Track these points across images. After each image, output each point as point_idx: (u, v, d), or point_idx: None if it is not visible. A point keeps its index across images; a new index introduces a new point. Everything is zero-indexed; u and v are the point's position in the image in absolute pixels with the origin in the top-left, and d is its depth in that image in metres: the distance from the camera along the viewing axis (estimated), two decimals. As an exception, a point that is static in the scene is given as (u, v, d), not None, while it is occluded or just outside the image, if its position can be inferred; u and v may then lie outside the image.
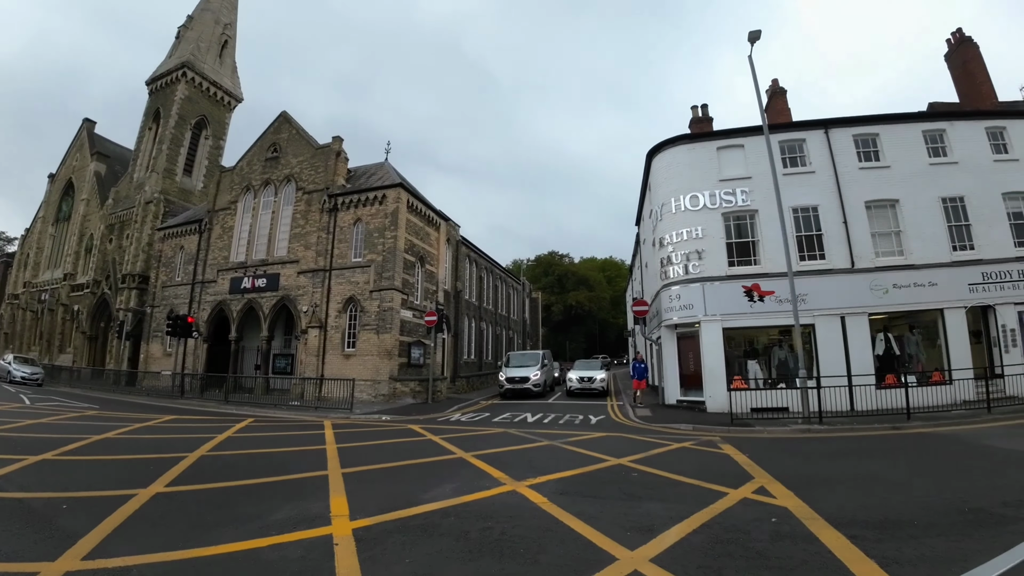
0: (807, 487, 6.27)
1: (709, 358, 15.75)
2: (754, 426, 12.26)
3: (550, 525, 4.86)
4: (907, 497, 5.81)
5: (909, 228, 15.75)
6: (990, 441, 9.18)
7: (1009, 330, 15.30)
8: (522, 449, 9.41)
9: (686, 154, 17.39)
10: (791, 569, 3.83)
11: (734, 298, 15.77)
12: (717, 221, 16.44)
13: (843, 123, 16.72)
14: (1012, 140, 16.89)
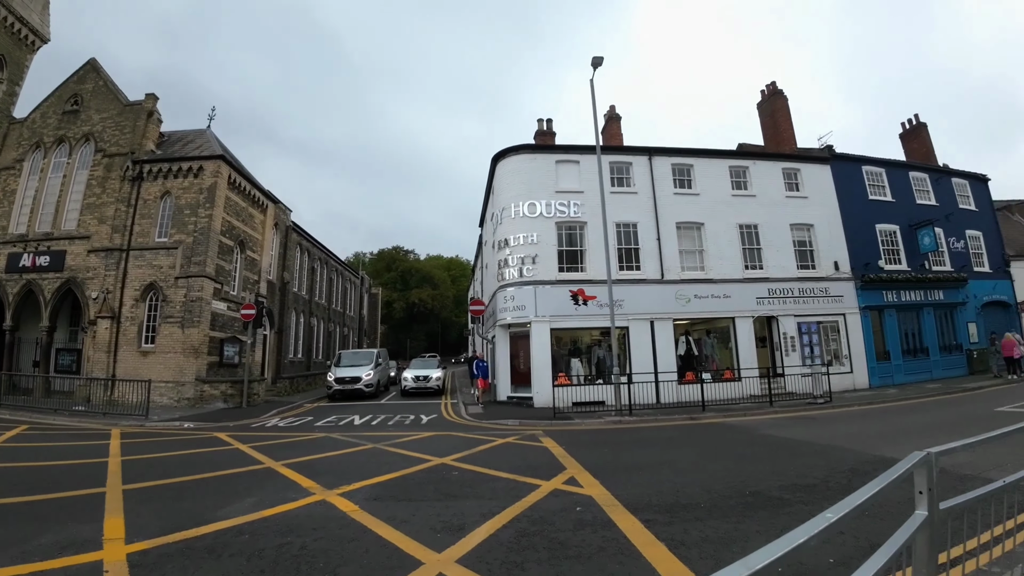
0: (612, 475, 6.77)
1: (538, 356, 16.64)
2: (574, 419, 13.01)
3: (356, 534, 4.72)
4: (696, 482, 6.39)
5: (711, 248, 18.08)
6: (770, 430, 10.51)
7: (789, 337, 18.04)
8: (341, 455, 9.02)
9: (528, 163, 18.43)
10: (588, 557, 4.07)
11: (562, 301, 16.88)
12: (551, 229, 17.56)
13: (665, 152, 18.88)
14: (803, 180, 20.20)
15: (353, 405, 18.19)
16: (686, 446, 9.25)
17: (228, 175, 19.79)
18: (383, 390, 22.67)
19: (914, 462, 2.19)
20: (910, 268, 20.84)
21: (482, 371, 17.75)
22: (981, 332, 21.92)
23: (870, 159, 21.91)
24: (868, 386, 18.56)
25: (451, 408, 16.75)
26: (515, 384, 17.41)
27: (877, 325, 19.82)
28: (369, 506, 5.55)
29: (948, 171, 24.60)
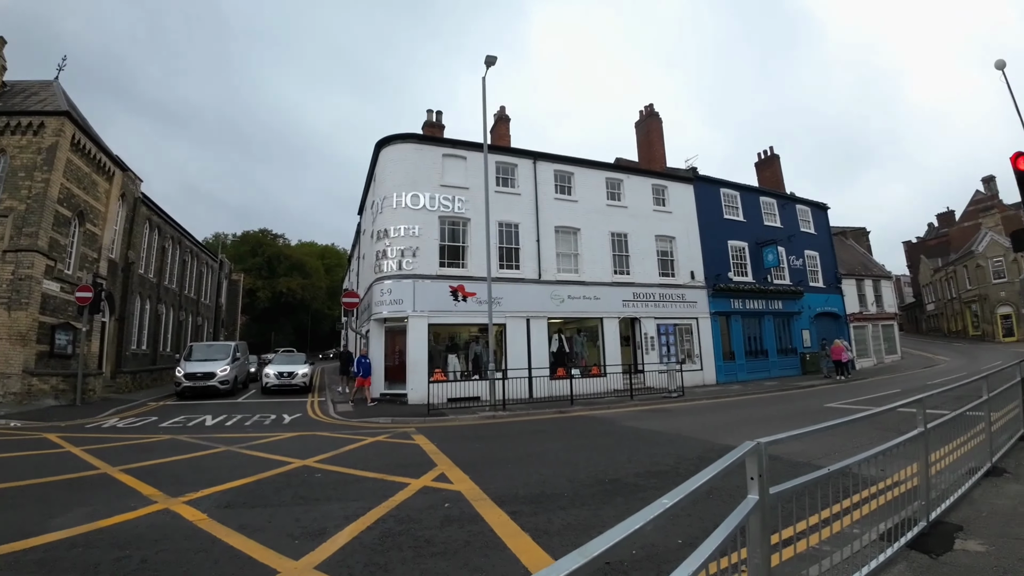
0: (482, 470, 6.91)
1: (414, 352, 16.59)
2: (448, 415, 13.13)
3: (205, 545, 4.44)
4: (562, 473, 6.69)
5: (585, 252, 19.45)
6: (630, 422, 11.41)
7: (649, 337, 20.00)
8: (189, 459, 8.42)
9: (414, 153, 18.26)
10: (454, 552, 4.12)
11: (441, 296, 17.08)
12: (434, 223, 17.68)
13: (549, 158, 20.02)
14: (669, 197, 22.50)
15: (205, 404, 16.85)
16: (554, 439, 9.74)
17: (72, 135, 17.42)
18: (241, 387, 21.21)
19: (746, 451, 2.38)
20: (755, 280, 24.08)
21: (364, 368, 17.32)
22: (813, 338, 25.86)
23: (727, 183, 25.03)
24: (715, 382, 21.10)
25: (318, 407, 16.13)
26: (389, 381, 17.18)
27: (725, 329, 22.63)
28: (219, 514, 5.26)
29: (793, 198, 28.79)
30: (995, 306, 43.85)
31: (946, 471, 4.83)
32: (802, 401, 14.69)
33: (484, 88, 16.15)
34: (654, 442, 8.88)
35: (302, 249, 72.83)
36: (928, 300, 59.51)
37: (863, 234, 42.51)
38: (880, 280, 33.65)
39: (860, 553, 3.47)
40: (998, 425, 6.59)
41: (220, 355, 20.13)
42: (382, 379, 17.35)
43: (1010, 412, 7.19)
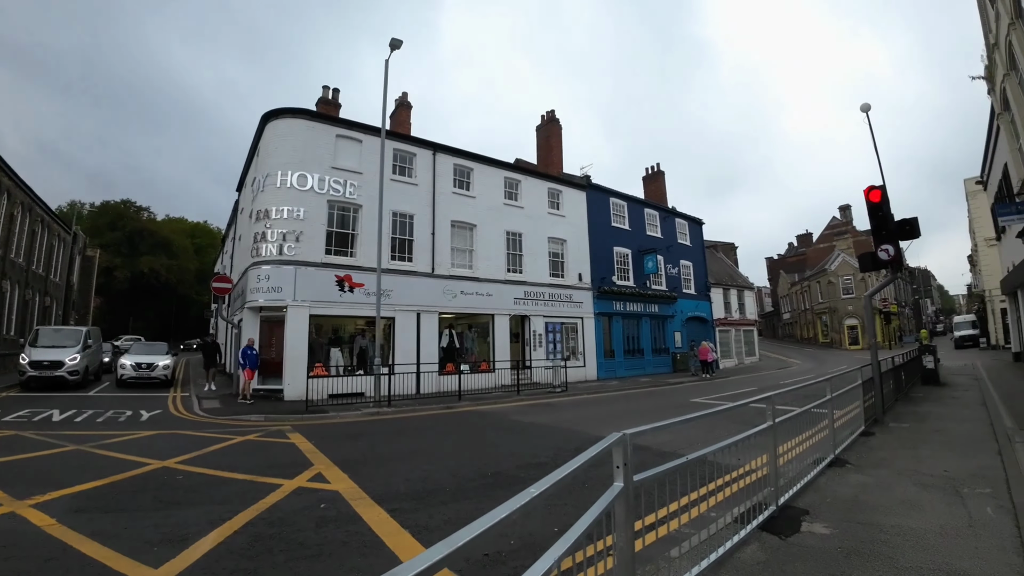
0: (362, 468, 6.69)
1: (293, 344, 15.68)
2: (328, 412, 12.53)
3: (55, 553, 4.03)
4: (446, 468, 6.62)
5: (480, 249, 19.71)
6: (515, 416, 11.66)
7: (537, 334, 20.79)
8: (35, 458, 7.49)
9: (305, 130, 17.18)
10: (330, 554, 3.96)
11: (326, 286, 16.28)
12: (322, 207, 16.78)
13: (450, 151, 20.00)
14: (563, 201, 23.50)
15: (53, 396, 14.71)
16: (440, 435, 9.79)
17: None
18: (93, 379, 18.86)
19: (612, 441, 2.49)
20: (636, 285, 25.96)
21: (252, 360, 15.53)
22: (684, 339, 28.43)
23: (617, 193, 26.73)
24: (596, 378, 22.46)
25: (181, 403, 14.66)
26: (263, 375, 16.01)
27: (607, 328, 24.17)
28: (70, 519, 4.84)
29: (674, 212, 31.41)
30: (843, 318, 51.07)
31: (794, 461, 5.43)
32: (672, 396, 16.09)
33: (387, 71, 15.56)
34: (537, 435, 9.24)
35: (170, 225, 64.79)
36: (785, 310, 67.82)
37: (732, 249, 47.60)
38: (744, 290, 37.85)
39: (717, 535, 3.77)
40: (841, 422, 7.58)
41: (69, 342, 17.67)
42: (256, 374, 16.36)
43: (852, 411, 8.37)
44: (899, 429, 8.21)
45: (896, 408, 10.34)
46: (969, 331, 39.41)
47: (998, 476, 5.39)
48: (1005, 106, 14.43)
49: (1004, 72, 13.22)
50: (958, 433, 7.78)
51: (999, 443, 6.81)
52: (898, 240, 8.68)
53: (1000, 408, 9.67)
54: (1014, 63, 12.45)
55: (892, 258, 8.59)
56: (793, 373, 25.62)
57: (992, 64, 14.88)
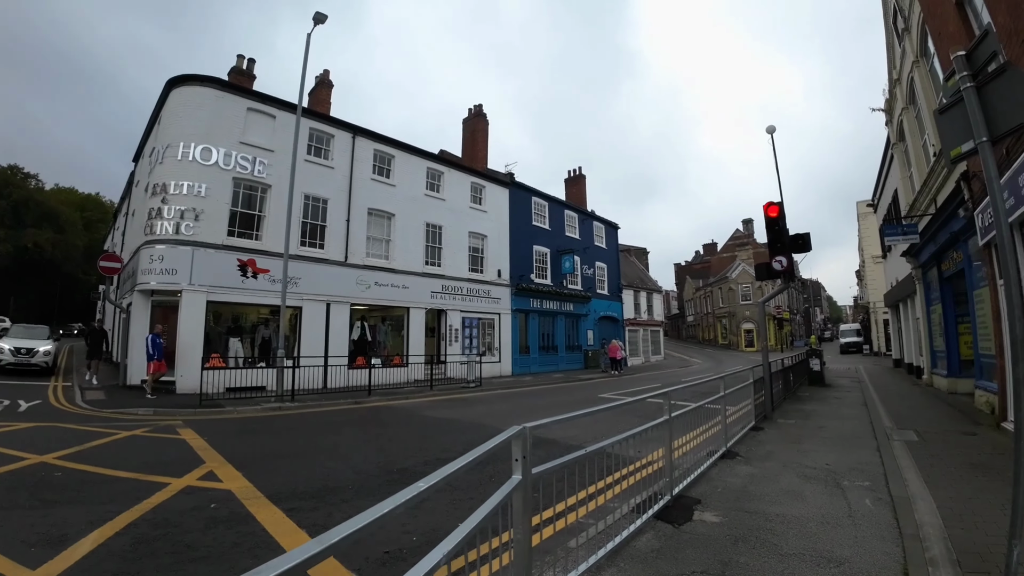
0: (259, 466, 6.32)
1: (187, 333, 14.49)
2: (225, 407, 11.74)
3: None
4: (349, 465, 6.32)
5: (398, 239, 19.26)
6: (427, 411, 11.39)
7: (454, 329, 20.71)
8: None
9: (213, 100, 15.93)
10: (219, 556, 3.77)
11: (227, 270, 15.16)
12: (226, 184, 15.62)
13: (371, 136, 19.30)
14: (486, 196, 23.54)
15: None
16: (346, 430, 9.40)
17: None
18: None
19: (511, 435, 2.47)
20: (553, 284, 26.63)
21: (159, 350, 13.80)
22: (596, 338, 29.63)
23: (539, 193, 27.20)
24: (511, 373, 22.82)
25: (63, 393, 13.22)
26: None
27: (523, 325, 24.60)
28: None
29: (592, 216, 32.50)
30: (741, 322, 55.45)
31: (690, 453, 5.65)
32: (582, 392, 16.64)
33: (308, 44, 14.59)
34: (447, 430, 9.17)
35: (59, 196, 57.34)
36: (689, 312, 72.61)
37: (644, 253, 50.21)
38: (653, 293, 40.06)
39: (615, 524, 3.87)
40: (733, 417, 8.18)
41: None
42: (144, 362, 14.94)
43: (744, 408, 9.02)
44: (786, 425, 8.85)
45: (784, 406, 11.10)
46: (854, 338, 44.31)
47: (876, 471, 5.78)
48: (900, 137, 16.22)
49: (903, 106, 14.84)
50: (840, 430, 8.35)
51: (878, 440, 7.39)
52: (791, 252, 9.43)
53: (879, 408, 10.59)
54: (913, 98, 13.90)
55: (785, 269, 9.34)
56: (694, 371, 27.45)
57: (892, 98, 16.70)
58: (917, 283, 15.70)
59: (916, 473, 5.50)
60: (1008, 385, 6.34)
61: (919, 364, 17.11)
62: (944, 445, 6.89)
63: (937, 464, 5.88)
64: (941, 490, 4.87)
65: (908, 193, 15.97)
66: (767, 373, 9.65)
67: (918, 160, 14.29)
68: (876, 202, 24.13)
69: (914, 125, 14.45)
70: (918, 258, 15.00)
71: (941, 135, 3.39)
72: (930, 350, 15.25)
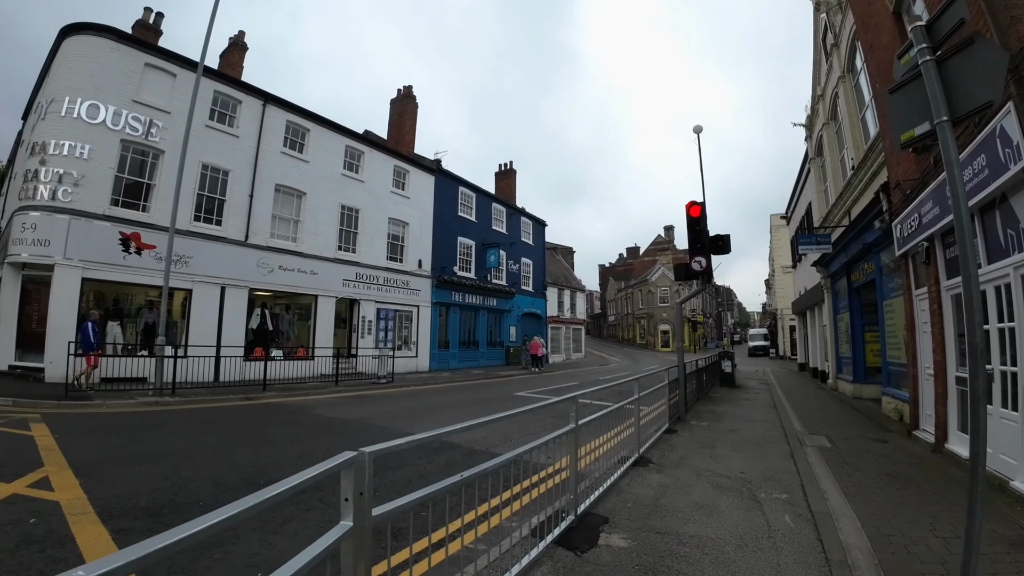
0: (103, 472, 5.56)
1: (58, 314, 12.82)
2: (94, 400, 10.42)
3: None
4: (210, 473, 5.56)
5: (308, 221, 18.06)
6: (323, 410, 10.47)
7: (367, 320, 19.75)
8: None
9: (107, 52, 14.22)
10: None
11: (107, 244, 13.53)
12: (113, 147, 13.95)
13: (284, 105, 17.88)
14: (410, 182, 22.68)
15: None
16: (221, 431, 8.43)
17: None
18: None
19: (339, 462, 1.89)
20: (476, 277, 26.27)
21: (97, 340, 12.18)
22: (519, 334, 29.59)
23: (467, 183, 26.68)
24: (428, 369, 22.20)
25: None
26: (22, 349, 13.13)
27: (444, 319, 24.04)
28: None
29: (521, 212, 32.41)
30: (658, 323, 57.78)
31: (601, 459, 5.25)
32: (499, 389, 16.23)
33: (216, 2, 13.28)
34: (339, 432, 8.42)
35: None
36: (610, 313, 75.00)
37: (569, 253, 51.10)
38: (576, 292, 40.76)
39: (510, 552, 3.43)
40: (647, 419, 8.06)
41: None
42: (13, 346, 13.18)
43: (658, 408, 8.98)
44: (699, 428, 8.79)
45: (697, 407, 11.14)
46: (761, 342, 47.34)
47: (792, 481, 5.55)
48: (819, 152, 17.15)
49: (824, 121, 15.66)
50: (752, 434, 8.26)
51: (791, 445, 7.29)
52: (710, 253, 9.48)
53: (789, 412, 10.80)
54: (835, 114, 14.62)
55: (703, 269, 9.41)
56: (611, 369, 28.12)
57: (814, 114, 17.62)
58: (826, 292, 16.73)
59: (834, 483, 5.37)
60: (951, 399, 6.52)
61: (824, 369, 18.06)
62: (857, 453, 6.93)
63: (853, 474, 5.80)
64: (862, 504, 4.69)
65: (822, 206, 17.03)
66: (682, 374, 9.62)
67: (835, 174, 15.19)
68: (789, 215, 25.74)
69: (833, 140, 15.27)
70: (828, 268, 15.94)
71: (891, 117, 3.16)
72: (836, 356, 16.27)
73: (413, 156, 24.12)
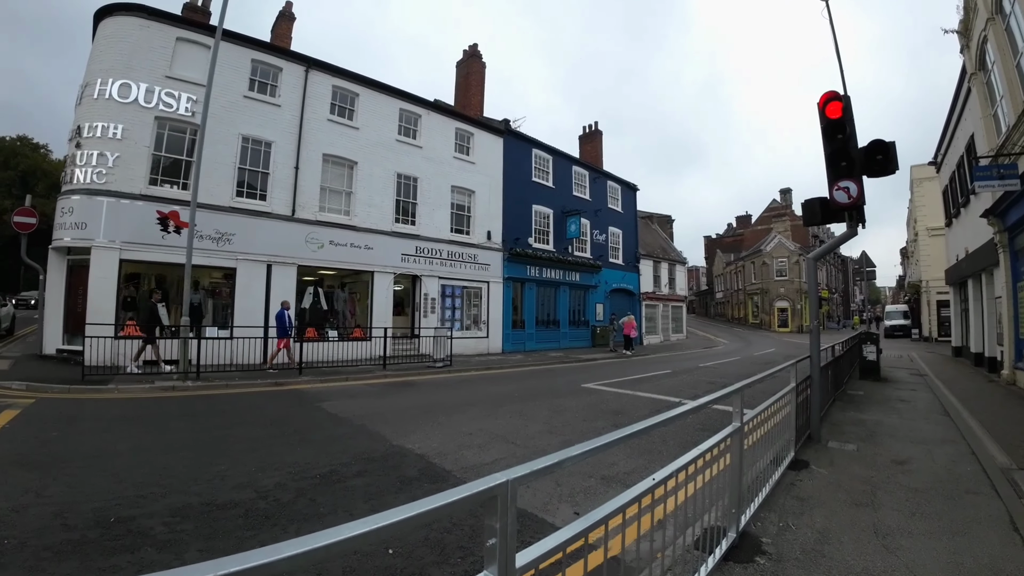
0: (48, 473, 4.59)
1: (97, 296, 12.57)
2: (109, 384, 9.80)
3: None
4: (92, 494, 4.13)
5: (361, 192, 16.55)
6: (338, 400, 8.86)
7: (430, 298, 17.98)
8: None
9: (137, 30, 13.80)
10: None
11: (145, 224, 13.00)
12: (148, 125, 13.42)
13: (328, 69, 16.45)
14: (475, 146, 20.60)
15: None
16: (188, 427, 6.83)
17: None
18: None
19: None
20: (555, 249, 23.62)
21: (288, 324, 12.93)
22: (606, 312, 26.64)
23: (541, 144, 23.99)
24: (501, 351, 20.14)
25: None
26: (69, 333, 13.09)
27: (519, 296, 21.85)
28: None
29: (606, 174, 29.11)
30: (774, 300, 51.25)
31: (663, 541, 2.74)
32: (569, 376, 13.59)
33: None
34: (327, 437, 6.34)
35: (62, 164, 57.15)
36: (718, 289, 68.49)
37: (668, 221, 46.43)
38: (676, 264, 36.57)
39: None
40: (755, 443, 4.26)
41: None
42: (60, 331, 13.24)
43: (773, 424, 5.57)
44: (843, 456, 5.53)
45: (834, 414, 7.83)
46: (900, 321, 39.84)
47: None
48: (981, 64, 12.73)
49: (988, 16, 11.33)
50: (932, 472, 5.00)
51: (1002, 498, 4.20)
52: (862, 176, 5.67)
53: (969, 421, 7.41)
54: (1000, 6, 10.59)
55: (852, 201, 5.62)
56: (718, 354, 24.03)
57: (971, 13, 13.07)
58: (1001, 252, 12.23)
59: None
60: None
61: (993, 355, 13.83)
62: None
63: None
64: None
65: (991, 135, 12.47)
66: (816, 369, 6.08)
67: (1011, 86, 10.78)
68: (940, 160, 20.25)
69: (1004, 41, 10.92)
70: (1004, 218, 11.58)
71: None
72: (1015, 339, 11.89)
73: (479, 119, 21.96)
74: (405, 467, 5.08)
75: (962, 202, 16.10)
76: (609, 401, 9.44)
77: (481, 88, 23.63)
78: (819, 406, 6.31)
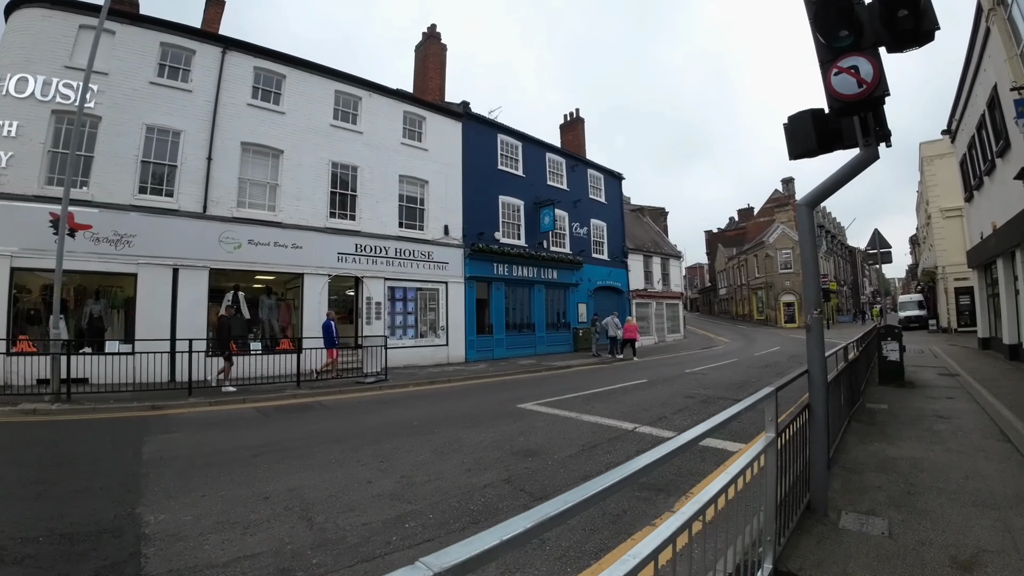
0: None
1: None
2: None
3: None
4: None
5: (288, 184, 15.14)
6: (168, 434, 7.48)
7: (374, 303, 16.40)
8: None
9: (39, 21, 12.80)
10: None
11: (37, 228, 11.73)
12: (44, 119, 12.29)
13: (250, 49, 15.05)
14: (427, 131, 19.06)
15: None
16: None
17: None
18: None
19: None
20: (527, 245, 22.03)
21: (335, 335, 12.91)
22: (589, 313, 24.95)
23: (508, 128, 22.44)
24: (464, 360, 18.54)
25: None
26: None
27: (484, 297, 20.28)
28: None
29: (587, 162, 27.51)
30: (779, 294, 49.15)
31: None
32: (515, 391, 11.51)
33: None
34: (68, 492, 4.70)
35: None
36: (721, 285, 66.44)
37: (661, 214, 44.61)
38: (669, 259, 34.81)
39: None
40: None
41: None
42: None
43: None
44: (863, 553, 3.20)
45: (849, 448, 5.60)
46: (916, 311, 37.73)
47: None
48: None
49: None
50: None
51: None
52: (878, 48, 3.22)
53: None
54: None
55: (867, 89, 3.15)
56: (714, 355, 22.04)
57: None
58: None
59: None
60: None
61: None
62: None
63: None
64: None
65: (1020, 71, 10.75)
66: (821, 392, 3.77)
67: None
68: (955, 126, 18.44)
69: None
70: None
71: None
72: None
73: (433, 102, 20.44)
74: (84, 558, 3.38)
75: (985, 169, 14.36)
76: (535, 431, 7.27)
77: (441, 72, 22.24)
78: (825, 447, 3.92)
